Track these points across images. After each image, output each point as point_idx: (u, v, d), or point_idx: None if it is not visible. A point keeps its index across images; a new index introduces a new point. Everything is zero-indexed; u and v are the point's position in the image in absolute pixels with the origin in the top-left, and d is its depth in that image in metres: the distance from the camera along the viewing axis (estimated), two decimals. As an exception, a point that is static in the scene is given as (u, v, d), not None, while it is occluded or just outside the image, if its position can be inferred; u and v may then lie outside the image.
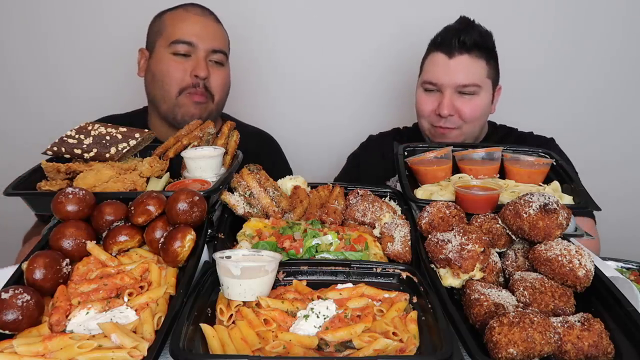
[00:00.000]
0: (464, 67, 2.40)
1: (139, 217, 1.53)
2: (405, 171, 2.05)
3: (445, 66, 2.42)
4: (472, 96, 2.43)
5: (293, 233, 1.67)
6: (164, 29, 2.45)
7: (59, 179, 1.82)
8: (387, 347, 1.20)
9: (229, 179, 1.86)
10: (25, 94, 3.41)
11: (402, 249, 1.65)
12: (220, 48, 2.47)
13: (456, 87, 2.41)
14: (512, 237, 1.60)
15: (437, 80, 2.44)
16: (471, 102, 2.43)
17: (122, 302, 1.33)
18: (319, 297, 1.39)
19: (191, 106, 2.42)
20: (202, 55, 2.40)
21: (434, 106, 2.47)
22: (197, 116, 2.41)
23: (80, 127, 2.01)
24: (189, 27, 2.41)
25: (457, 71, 2.40)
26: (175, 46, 2.39)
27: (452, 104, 2.42)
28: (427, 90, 2.51)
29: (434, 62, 2.46)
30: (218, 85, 2.47)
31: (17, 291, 1.24)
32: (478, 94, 2.44)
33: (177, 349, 1.11)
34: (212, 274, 1.42)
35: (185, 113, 2.42)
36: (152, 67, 2.47)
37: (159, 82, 2.43)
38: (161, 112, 2.49)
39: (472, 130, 2.52)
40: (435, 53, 2.47)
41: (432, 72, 2.47)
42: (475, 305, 1.34)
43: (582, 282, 1.39)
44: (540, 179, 2.00)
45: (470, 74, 2.41)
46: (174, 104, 2.42)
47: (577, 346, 1.21)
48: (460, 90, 2.42)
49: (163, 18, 2.49)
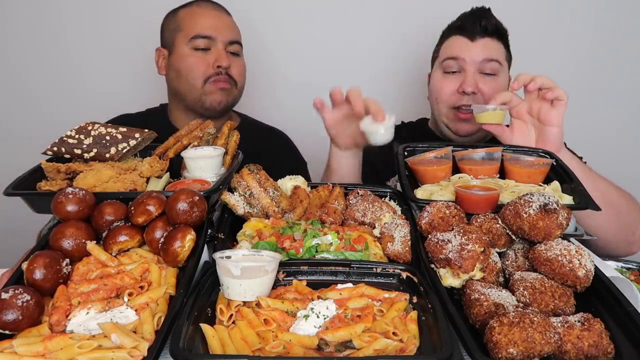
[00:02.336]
0: (486, 47, 2.43)
1: (139, 217, 1.53)
2: (405, 171, 2.05)
3: (467, 46, 2.44)
4: (493, 77, 2.44)
5: (293, 233, 1.67)
6: (181, 25, 2.57)
7: (59, 179, 1.82)
8: (387, 347, 1.20)
9: (229, 179, 1.86)
10: (29, 94, 3.43)
11: (402, 249, 1.65)
12: (236, 39, 2.63)
13: (480, 62, 2.42)
14: (512, 237, 1.60)
15: (460, 54, 2.44)
16: (492, 82, 2.44)
17: (122, 302, 1.33)
18: (319, 297, 1.39)
19: (217, 93, 2.57)
20: (222, 47, 2.55)
21: (456, 86, 2.46)
22: (223, 102, 2.60)
23: (80, 127, 2.01)
24: (206, 22, 2.55)
25: (480, 50, 2.43)
26: (196, 41, 2.53)
27: (475, 82, 2.42)
28: (447, 72, 2.49)
29: (455, 43, 2.48)
30: (238, 72, 2.64)
31: (17, 291, 1.24)
32: (499, 75, 2.45)
33: (177, 349, 1.11)
34: (212, 274, 1.42)
35: (213, 100, 2.57)
36: (175, 64, 2.58)
37: (184, 78, 2.57)
38: (188, 104, 2.63)
39: None
40: (456, 37, 2.49)
41: (454, 50, 2.47)
42: (475, 305, 1.34)
43: (582, 282, 1.39)
44: (540, 179, 2.00)
45: (493, 52, 2.44)
46: (200, 93, 2.56)
47: (577, 346, 1.21)
48: (482, 69, 2.43)
49: (178, 15, 2.60)
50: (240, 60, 2.67)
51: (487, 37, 2.43)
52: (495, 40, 2.45)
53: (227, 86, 2.58)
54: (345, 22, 3.32)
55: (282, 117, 3.18)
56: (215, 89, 2.56)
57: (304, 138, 3.02)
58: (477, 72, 2.44)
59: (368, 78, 3.41)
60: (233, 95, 2.65)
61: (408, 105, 3.35)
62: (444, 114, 2.55)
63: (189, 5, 2.62)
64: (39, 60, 3.35)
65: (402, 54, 3.34)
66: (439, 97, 2.54)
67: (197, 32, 2.52)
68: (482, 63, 2.43)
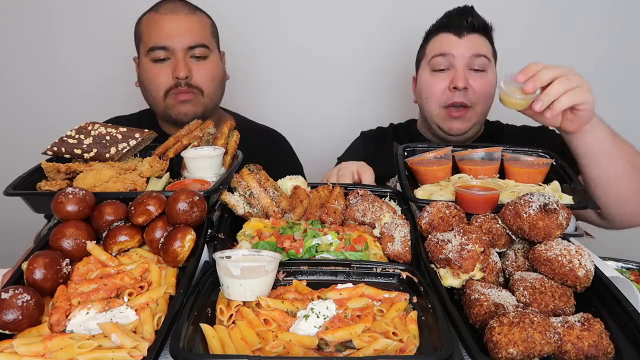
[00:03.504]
0: (474, 43, 2.43)
1: (139, 217, 1.53)
2: (405, 171, 2.05)
3: (455, 43, 2.44)
4: (482, 73, 2.45)
5: (293, 233, 1.67)
6: (142, 36, 2.47)
7: (59, 179, 1.82)
8: (387, 347, 1.20)
9: (229, 179, 1.86)
10: (26, 95, 3.42)
11: (402, 249, 1.65)
12: (197, 42, 2.41)
13: (470, 57, 2.41)
14: (512, 237, 1.60)
15: (448, 50, 2.43)
16: (482, 78, 2.44)
17: (122, 302, 1.33)
18: (319, 297, 1.39)
19: (179, 105, 2.44)
20: (181, 55, 2.39)
21: (446, 84, 2.44)
22: (190, 113, 2.44)
23: (80, 127, 2.01)
24: (161, 31, 2.39)
25: (469, 45, 2.42)
26: (153, 53, 2.40)
27: (465, 77, 2.41)
28: (436, 70, 2.48)
29: (443, 40, 2.47)
30: (204, 78, 2.45)
31: (17, 291, 1.24)
32: (487, 71, 2.46)
33: (177, 349, 1.11)
34: (212, 274, 1.42)
35: (178, 112, 2.46)
36: (141, 76, 2.53)
37: (148, 91, 2.49)
38: (160, 116, 2.57)
39: (483, 112, 2.51)
40: (443, 34, 2.48)
41: (442, 47, 2.46)
42: (475, 305, 1.34)
43: (582, 282, 1.39)
44: (540, 179, 2.00)
45: (482, 48, 2.44)
46: (164, 106, 2.47)
47: (577, 346, 1.21)
48: (471, 65, 2.42)
49: (140, 24, 2.50)
50: (207, 64, 2.46)
51: (474, 33, 2.44)
52: (482, 36, 2.46)
53: (187, 97, 2.41)
54: (339, 21, 3.33)
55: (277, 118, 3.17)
56: (175, 102, 2.42)
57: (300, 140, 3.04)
58: (466, 68, 2.42)
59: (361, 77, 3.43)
60: (202, 103, 2.47)
61: (398, 106, 3.36)
62: (435, 113, 2.51)
63: (149, 11, 2.47)
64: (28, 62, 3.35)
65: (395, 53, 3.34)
66: (430, 96, 2.51)
67: (153, 44, 2.38)
68: (471, 59, 2.41)
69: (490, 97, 2.50)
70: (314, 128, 3.43)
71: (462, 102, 2.42)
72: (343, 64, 3.39)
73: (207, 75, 2.46)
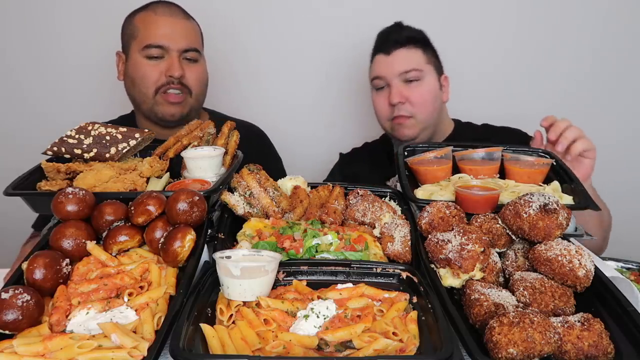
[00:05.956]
0: (402, 58, 2.57)
1: (139, 217, 1.53)
2: (405, 171, 2.05)
3: (385, 62, 2.59)
4: (418, 82, 2.57)
5: (293, 233, 1.67)
6: (136, 33, 2.53)
7: (59, 179, 1.82)
8: (387, 347, 1.20)
9: (229, 179, 1.86)
10: (25, 94, 3.41)
11: (402, 249, 1.65)
12: (191, 46, 2.54)
13: (399, 74, 2.56)
14: (512, 237, 1.60)
15: (380, 73, 2.60)
16: (418, 88, 2.57)
17: (122, 302, 1.33)
18: (319, 297, 1.40)
19: (167, 105, 2.52)
20: (175, 55, 2.49)
21: (386, 100, 2.60)
22: (177, 114, 2.55)
23: (80, 127, 2.01)
24: (159, 30, 2.49)
25: (397, 62, 2.57)
26: (148, 50, 2.48)
27: (400, 92, 2.56)
28: (378, 88, 2.65)
29: (377, 62, 2.65)
30: (194, 79, 2.56)
31: (17, 291, 1.24)
32: (422, 80, 2.58)
33: (177, 349, 1.11)
34: (212, 274, 1.42)
35: (165, 111, 2.53)
36: (130, 71, 2.56)
37: (138, 86, 2.54)
38: (143, 112, 2.60)
39: (426, 118, 2.61)
40: (376, 56, 2.65)
41: (376, 69, 2.64)
42: (475, 305, 1.34)
43: (582, 282, 1.39)
44: (540, 179, 2.00)
45: (410, 61, 2.57)
46: (152, 103, 2.52)
47: (577, 346, 1.21)
48: (405, 78, 2.56)
49: (134, 21, 2.55)
50: (197, 67, 2.58)
51: (401, 47, 2.56)
52: (411, 48, 2.58)
53: (178, 100, 2.51)
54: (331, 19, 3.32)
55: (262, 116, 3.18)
56: (165, 101, 2.50)
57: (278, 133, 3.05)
58: (401, 82, 2.57)
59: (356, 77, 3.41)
60: (189, 105, 2.57)
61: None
62: (387, 126, 2.71)
63: (145, 10, 2.55)
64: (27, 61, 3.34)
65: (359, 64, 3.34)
66: (377, 114, 2.72)
67: (150, 42, 2.46)
68: (401, 75, 2.56)
69: (431, 104, 2.61)
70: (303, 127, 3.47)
71: (403, 115, 2.58)
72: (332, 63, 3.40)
73: (197, 78, 2.58)
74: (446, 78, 2.71)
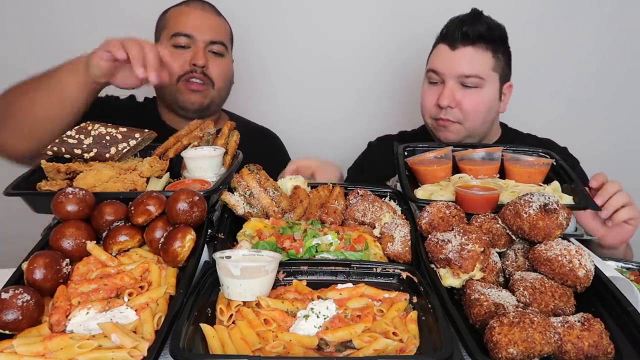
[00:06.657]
0: (467, 59, 2.32)
1: (139, 217, 1.53)
2: (405, 171, 2.05)
3: (448, 57, 2.36)
4: (476, 89, 2.34)
5: (293, 233, 1.67)
6: (167, 24, 2.59)
7: (59, 179, 1.82)
8: (387, 347, 1.20)
9: (229, 179, 1.86)
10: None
11: (402, 249, 1.65)
12: (218, 39, 2.58)
13: (458, 76, 2.33)
14: (512, 237, 1.60)
15: (438, 68, 2.38)
16: (474, 95, 2.35)
17: (122, 302, 1.33)
18: (319, 297, 1.39)
19: (189, 93, 2.54)
20: (201, 46, 2.53)
21: (436, 98, 2.39)
22: (197, 103, 2.55)
23: (80, 127, 2.01)
24: (188, 21, 2.55)
25: (460, 62, 2.33)
26: (176, 39, 2.53)
27: (452, 95, 2.34)
28: (431, 82, 2.44)
29: (438, 54, 2.42)
30: (218, 72, 2.58)
31: (17, 291, 1.24)
32: (482, 87, 2.35)
33: (177, 349, 1.11)
34: (212, 274, 1.42)
35: (186, 99, 2.56)
36: None
37: None
38: (165, 101, 2.63)
39: (474, 127, 2.41)
40: (440, 45, 2.42)
41: (435, 61, 2.42)
42: (475, 305, 1.34)
43: (582, 282, 1.39)
44: (540, 179, 2.00)
45: (474, 65, 2.32)
46: (175, 90, 2.54)
47: (577, 346, 1.21)
48: (463, 82, 2.33)
49: (167, 14, 2.64)
50: (222, 61, 2.61)
51: (469, 45, 2.31)
52: (479, 49, 2.32)
53: (200, 88, 2.54)
54: (343, 22, 3.32)
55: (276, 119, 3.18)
56: (187, 89, 2.53)
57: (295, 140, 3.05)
58: (457, 84, 2.35)
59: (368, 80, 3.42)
60: (210, 97, 2.59)
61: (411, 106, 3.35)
62: (429, 123, 2.52)
63: (180, 5, 2.64)
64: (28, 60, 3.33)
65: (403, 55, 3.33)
66: (423, 108, 2.52)
67: (178, 30, 2.52)
68: (460, 77, 2.34)
69: (485, 114, 2.40)
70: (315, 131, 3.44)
71: (449, 119, 2.38)
72: (344, 65, 3.39)
73: (221, 71, 2.61)
74: (510, 87, 2.47)
